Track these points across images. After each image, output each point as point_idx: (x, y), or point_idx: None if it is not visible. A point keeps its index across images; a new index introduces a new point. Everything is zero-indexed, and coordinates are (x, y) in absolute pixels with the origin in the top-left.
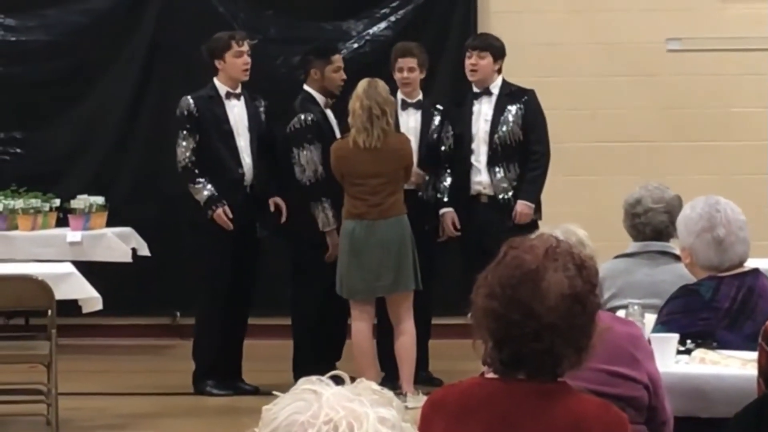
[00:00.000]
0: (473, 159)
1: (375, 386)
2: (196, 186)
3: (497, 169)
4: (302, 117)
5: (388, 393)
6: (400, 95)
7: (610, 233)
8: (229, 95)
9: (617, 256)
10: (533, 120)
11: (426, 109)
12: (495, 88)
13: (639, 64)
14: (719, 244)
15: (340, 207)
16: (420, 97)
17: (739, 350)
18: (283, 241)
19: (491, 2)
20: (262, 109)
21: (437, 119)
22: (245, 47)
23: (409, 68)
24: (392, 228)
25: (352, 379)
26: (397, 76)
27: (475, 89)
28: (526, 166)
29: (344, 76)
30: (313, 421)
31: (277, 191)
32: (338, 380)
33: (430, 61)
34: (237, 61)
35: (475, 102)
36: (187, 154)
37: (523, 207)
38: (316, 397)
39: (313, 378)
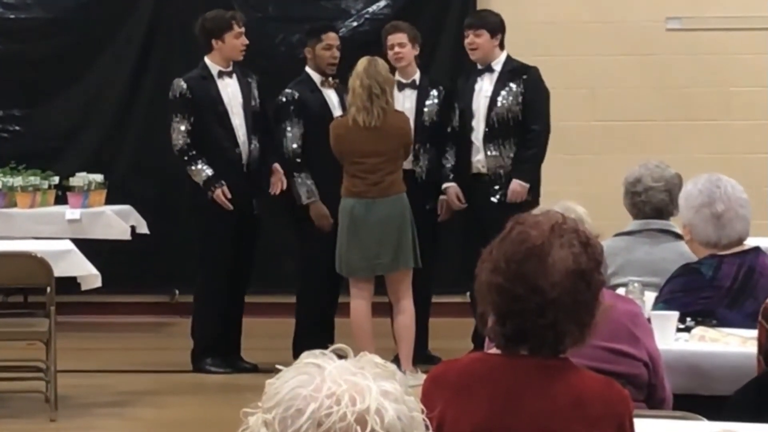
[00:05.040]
0: (473, 137)
1: (378, 360)
2: (194, 168)
3: (492, 147)
4: (285, 92)
5: (391, 366)
6: (396, 76)
7: (609, 211)
8: (221, 74)
9: (617, 234)
10: (532, 98)
11: (422, 89)
12: (497, 64)
13: (638, 42)
14: (717, 219)
15: (321, 182)
16: (416, 76)
17: (740, 328)
18: (285, 218)
19: None
20: (254, 85)
21: (435, 98)
22: (243, 28)
23: (399, 44)
24: (391, 206)
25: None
26: (389, 54)
27: (478, 66)
28: (522, 145)
29: (336, 54)
30: (315, 395)
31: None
32: (341, 354)
33: (429, 40)
34: (237, 41)
35: (478, 79)
36: (183, 137)
37: (516, 186)
38: (318, 370)
39: (316, 352)
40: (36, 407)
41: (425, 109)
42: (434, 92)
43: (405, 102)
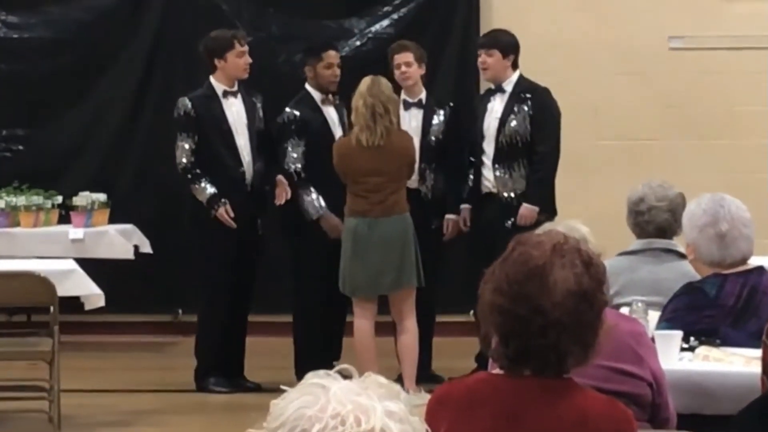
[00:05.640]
0: (484, 157)
1: (382, 380)
2: (198, 187)
3: (500, 168)
4: (286, 112)
5: (396, 386)
6: (402, 95)
7: (613, 231)
8: (226, 94)
9: (620, 254)
10: (540, 119)
11: (429, 108)
12: (509, 85)
13: (641, 62)
14: (721, 239)
15: (326, 198)
16: (422, 95)
17: (743, 348)
18: (285, 237)
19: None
20: (259, 105)
21: (442, 117)
22: (246, 47)
23: (405, 63)
24: (395, 225)
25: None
26: (396, 74)
27: (491, 86)
28: (530, 168)
29: (337, 73)
30: (320, 415)
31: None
32: (346, 374)
33: (432, 59)
34: (239, 60)
35: (490, 99)
36: (187, 155)
37: (524, 210)
38: (323, 391)
39: (321, 372)
40: (39, 427)
41: (431, 129)
42: (440, 111)
43: (411, 121)
